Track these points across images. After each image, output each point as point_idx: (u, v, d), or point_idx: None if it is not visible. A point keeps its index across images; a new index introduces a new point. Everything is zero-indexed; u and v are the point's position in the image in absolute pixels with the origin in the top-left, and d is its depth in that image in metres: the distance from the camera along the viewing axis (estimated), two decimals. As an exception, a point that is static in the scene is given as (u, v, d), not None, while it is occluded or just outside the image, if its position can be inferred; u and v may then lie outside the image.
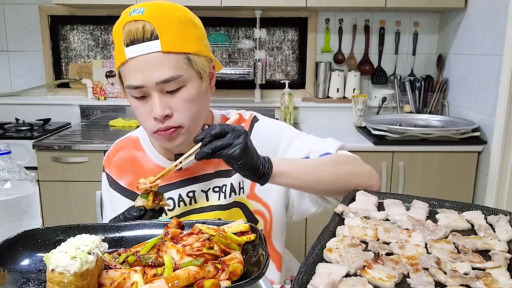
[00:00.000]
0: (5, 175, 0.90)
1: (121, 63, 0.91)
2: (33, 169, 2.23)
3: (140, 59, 0.89)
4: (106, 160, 1.13)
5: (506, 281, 0.62)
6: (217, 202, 1.06)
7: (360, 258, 0.67)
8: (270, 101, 2.86)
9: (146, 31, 0.88)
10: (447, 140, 2.25)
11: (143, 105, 0.93)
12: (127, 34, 0.89)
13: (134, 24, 0.88)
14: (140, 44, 0.88)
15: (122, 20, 0.91)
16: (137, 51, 0.88)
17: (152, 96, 0.91)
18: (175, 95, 0.92)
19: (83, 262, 0.61)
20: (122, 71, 0.93)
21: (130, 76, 0.91)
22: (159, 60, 0.89)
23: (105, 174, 1.12)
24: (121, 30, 0.89)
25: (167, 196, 1.05)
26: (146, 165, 1.07)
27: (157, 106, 0.90)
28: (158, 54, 0.88)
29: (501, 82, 2.08)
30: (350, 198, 0.94)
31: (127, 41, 0.89)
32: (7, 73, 2.87)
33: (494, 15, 2.18)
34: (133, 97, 0.93)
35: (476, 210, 0.87)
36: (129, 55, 0.89)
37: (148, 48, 0.88)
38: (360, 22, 2.80)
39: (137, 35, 0.88)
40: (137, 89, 0.91)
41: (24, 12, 2.78)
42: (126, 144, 1.12)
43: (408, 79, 2.73)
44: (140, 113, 0.94)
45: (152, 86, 0.90)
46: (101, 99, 2.84)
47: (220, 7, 2.43)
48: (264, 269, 0.63)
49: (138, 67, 0.89)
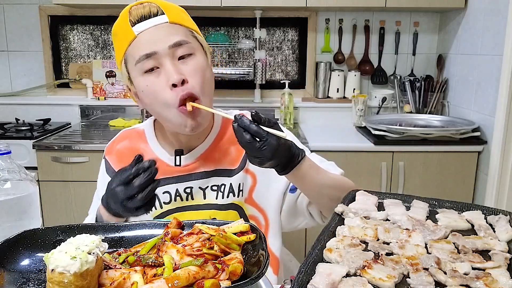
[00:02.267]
0: (5, 175, 0.90)
1: (129, 43, 0.94)
2: (33, 169, 2.23)
3: (150, 31, 0.93)
4: (109, 147, 1.14)
5: (506, 281, 0.62)
6: (215, 201, 1.06)
7: (360, 258, 0.67)
8: (270, 101, 2.86)
9: (152, 9, 0.94)
10: (447, 140, 2.25)
11: (156, 79, 0.93)
12: (134, 15, 0.94)
13: (141, 6, 0.95)
14: (148, 20, 0.94)
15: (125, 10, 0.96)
16: (146, 25, 0.93)
17: (165, 64, 0.92)
18: (187, 62, 0.94)
19: (83, 262, 0.61)
20: (130, 51, 0.94)
21: (140, 48, 0.92)
22: (168, 29, 0.94)
23: (104, 160, 1.13)
24: (127, 15, 0.94)
25: (163, 190, 1.06)
26: (146, 156, 1.07)
27: (172, 71, 0.91)
28: (166, 24, 0.94)
29: (501, 82, 2.08)
30: (350, 198, 0.94)
31: (134, 20, 0.94)
32: (7, 73, 2.87)
33: (494, 15, 2.18)
34: (144, 74, 0.93)
35: (476, 210, 0.87)
36: (138, 30, 0.93)
37: (156, 21, 0.94)
38: (360, 22, 2.80)
39: (144, 12, 0.94)
40: (149, 58, 0.92)
41: (24, 12, 2.78)
42: (131, 134, 1.13)
43: (408, 79, 2.73)
44: (156, 89, 0.93)
45: (164, 51, 0.92)
46: (101, 99, 2.84)
47: (220, 7, 2.43)
48: (264, 269, 0.63)
49: (149, 37, 0.92)
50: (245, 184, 1.08)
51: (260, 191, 1.09)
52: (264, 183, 1.09)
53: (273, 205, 1.10)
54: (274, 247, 1.12)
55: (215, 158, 1.07)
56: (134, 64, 0.94)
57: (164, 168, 1.05)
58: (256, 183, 1.09)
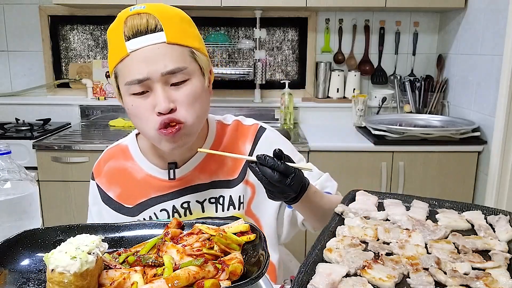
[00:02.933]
0: (5, 175, 0.90)
1: (120, 59, 0.87)
2: (33, 169, 2.23)
3: (144, 51, 0.86)
4: (96, 169, 1.09)
5: (506, 281, 0.62)
6: (214, 214, 1.03)
7: (360, 258, 0.67)
8: (270, 101, 2.86)
9: (150, 23, 0.86)
10: (447, 140, 2.25)
11: (143, 101, 0.88)
12: (129, 28, 0.86)
13: (137, 17, 0.86)
14: (144, 36, 0.86)
15: (122, 17, 0.89)
16: (140, 42, 0.86)
17: (156, 89, 0.86)
18: (180, 89, 0.88)
19: (83, 262, 0.61)
20: (121, 68, 0.88)
21: (132, 69, 0.86)
22: (164, 51, 0.86)
23: (95, 184, 1.08)
24: (122, 25, 0.87)
25: (160, 208, 1.02)
26: (137, 175, 1.03)
27: (161, 99, 0.86)
28: (163, 45, 0.86)
29: (501, 82, 2.08)
30: (350, 198, 0.94)
31: (129, 34, 0.86)
32: (7, 73, 2.87)
33: (494, 15, 2.18)
34: (132, 95, 0.88)
35: (476, 210, 0.87)
36: (131, 47, 0.86)
37: (153, 40, 0.86)
38: (360, 22, 2.80)
39: (140, 27, 0.86)
40: (140, 84, 0.86)
41: (24, 12, 2.78)
42: (115, 153, 1.08)
43: (408, 79, 2.73)
44: (140, 111, 0.88)
45: (157, 78, 0.86)
46: (101, 99, 2.84)
47: (220, 7, 2.43)
48: (264, 269, 0.63)
49: (142, 59, 0.85)
50: (245, 196, 1.04)
51: (257, 203, 1.06)
52: (262, 195, 1.05)
53: (269, 217, 1.07)
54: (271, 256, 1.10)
55: (211, 169, 1.02)
56: (123, 83, 0.88)
57: (158, 184, 1.02)
58: (255, 194, 1.06)
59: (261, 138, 1.06)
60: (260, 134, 1.06)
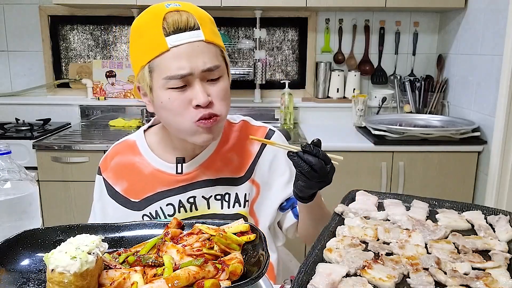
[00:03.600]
0: (5, 175, 0.90)
1: (159, 53, 0.89)
2: (33, 169, 2.23)
3: (185, 47, 0.89)
4: (103, 163, 1.10)
5: (506, 281, 0.62)
6: (220, 211, 1.05)
7: (360, 258, 0.67)
8: (270, 101, 2.86)
9: (190, 21, 0.90)
10: (447, 140, 2.25)
11: (181, 95, 0.91)
12: (170, 24, 0.88)
13: (177, 14, 0.90)
14: (184, 33, 0.89)
15: (158, 12, 0.90)
16: (181, 39, 0.89)
17: (194, 84, 0.90)
18: (215, 85, 0.93)
19: (83, 262, 0.61)
20: (159, 62, 0.90)
21: (173, 64, 0.89)
22: (202, 48, 0.90)
23: (102, 178, 1.09)
24: (160, 21, 0.89)
25: (166, 202, 1.04)
26: (144, 169, 1.05)
27: (200, 93, 0.90)
28: (201, 43, 0.90)
29: (501, 82, 2.08)
30: (350, 198, 0.94)
31: (169, 30, 0.88)
32: (7, 73, 2.87)
33: (494, 15, 2.18)
34: (169, 89, 0.90)
35: (476, 210, 0.87)
36: (172, 43, 0.88)
37: (192, 37, 0.89)
38: (360, 22, 2.80)
39: (181, 24, 0.89)
40: (182, 78, 0.89)
41: (24, 12, 2.78)
42: (123, 148, 1.09)
43: (408, 79, 2.73)
44: (177, 105, 0.91)
45: (197, 73, 0.90)
46: (101, 99, 2.84)
47: (220, 7, 2.43)
48: (264, 269, 0.63)
49: (184, 55, 0.89)
50: (250, 195, 1.07)
51: (259, 204, 1.09)
52: (264, 196, 1.09)
53: (266, 219, 1.09)
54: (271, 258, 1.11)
55: (217, 166, 1.05)
56: (162, 77, 0.90)
57: (165, 178, 1.03)
58: (258, 195, 1.08)
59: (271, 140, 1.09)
60: (270, 136, 1.10)
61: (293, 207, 1.09)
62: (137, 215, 1.04)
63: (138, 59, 0.93)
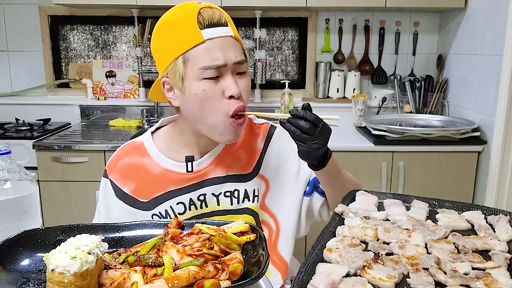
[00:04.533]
0: (5, 175, 0.90)
1: (194, 45, 0.92)
2: (33, 169, 2.23)
3: (218, 40, 0.93)
4: (110, 166, 1.10)
5: (506, 281, 0.62)
6: (229, 207, 1.06)
7: (360, 258, 0.67)
8: (270, 101, 2.86)
9: (221, 17, 0.96)
10: (447, 140, 2.25)
11: (215, 85, 0.94)
12: (205, 18, 0.93)
13: (210, 11, 0.95)
14: (217, 28, 0.94)
15: (192, 8, 0.95)
16: (215, 32, 0.94)
17: (226, 76, 0.94)
18: (242, 78, 0.97)
19: (83, 262, 0.61)
20: (194, 53, 0.93)
21: (208, 55, 0.92)
22: (232, 43, 0.95)
23: (108, 180, 1.08)
24: (195, 15, 0.93)
25: (177, 201, 1.05)
26: (153, 170, 1.05)
27: (233, 84, 0.94)
28: (231, 38, 0.96)
29: (501, 82, 2.08)
30: (350, 198, 0.94)
31: (204, 24, 0.93)
32: (7, 73, 2.87)
33: (494, 15, 2.18)
34: (204, 79, 0.93)
35: (476, 210, 0.87)
36: (207, 35, 0.93)
37: (224, 32, 0.95)
38: (360, 22, 2.80)
39: (214, 19, 0.94)
40: (217, 69, 0.93)
41: (24, 12, 2.78)
42: (129, 150, 1.10)
43: (408, 79, 2.73)
44: (213, 95, 0.94)
45: (230, 65, 0.94)
46: (101, 99, 2.84)
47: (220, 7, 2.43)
48: (264, 269, 0.63)
49: (218, 47, 0.93)
50: (260, 190, 1.09)
51: (272, 197, 1.10)
52: (277, 188, 1.10)
53: (288, 210, 1.11)
54: (284, 252, 1.12)
55: (226, 163, 1.07)
56: (197, 67, 0.93)
57: (176, 177, 1.04)
58: (269, 189, 1.10)
59: (274, 135, 1.13)
60: (272, 131, 1.13)
61: (317, 188, 1.12)
62: (146, 215, 1.05)
63: (170, 51, 0.96)
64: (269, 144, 1.11)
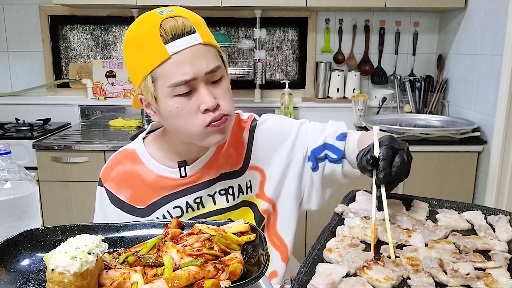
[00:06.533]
0: (5, 175, 0.90)
1: (160, 62, 0.88)
2: (33, 169, 2.23)
3: (185, 52, 0.88)
4: (104, 175, 1.09)
5: (506, 281, 0.62)
6: (226, 204, 1.06)
7: (360, 258, 0.67)
8: (270, 101, 2.86)
9: (186, 25, 0.89)
10: (447, 140, 2.25)
11: (189, 101, 0.90)
12: (167, 31, 0.87)
13: (172, 20, 0.88)
14: (182, 38, 0.88)
15: (153, 20, 0.89)
16: (181, 45, 0.88)
17: (199, 88, 0.90)
18: (218, 86, 0.93)
19: (83, 262, 0.61)
20: (162, 71, 0.89)
21: (176, 71, 0.88)
22: (202, 51, 0.90)
23: (104, 189, 1.08)
24: (157, 28, 0.87)
25: (173, 205, 1.04)
26: (147, 177, 1.05)
27: (207, 97, 0.90)
28: (200, 46, 0.90)
29: (501, 82, 2.08)
30: (350, 198, 0.94)
31: (168, 38, 0.87)
32: (7, 73, 2.87)
33: (494, 15, 2.18)
34: (176, 96, 0.90)
35: (476, 210, 0.87)
36: (172, 50, 0.87)
37: (191, 41, 0.89)
38: (360, 22, 2.80)
39: (178, 30, 0.88)
40: (187, 84, 0.88)
41: (24, 12, 2.78)
42: (122, 158, 1.09)
43: (408, 79, 2.73)
44: (187, 112, 0.91)
45: (201, 77, 0.89)
46: (101, 99, 2.84)
47: (220, 7, 2.43)
48: (264, 269, 0.63)
49: (186, 60, 0.88)
50: (253, 181, 1.08)
51: (272, 184, 1.09)
52: (275, 175, 1.09)
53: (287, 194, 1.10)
54: (285, 233, 1.11)
55: (218, 164, 1.06)
56: (167, 85, 0.89)
57: (170, 183, 1.04)
58: (266, 178, 1.09)
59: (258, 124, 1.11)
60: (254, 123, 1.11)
61: (325, 158, 1.08)
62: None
63: (138, 70, 0.92)
64: (254, 134, 1.09)
